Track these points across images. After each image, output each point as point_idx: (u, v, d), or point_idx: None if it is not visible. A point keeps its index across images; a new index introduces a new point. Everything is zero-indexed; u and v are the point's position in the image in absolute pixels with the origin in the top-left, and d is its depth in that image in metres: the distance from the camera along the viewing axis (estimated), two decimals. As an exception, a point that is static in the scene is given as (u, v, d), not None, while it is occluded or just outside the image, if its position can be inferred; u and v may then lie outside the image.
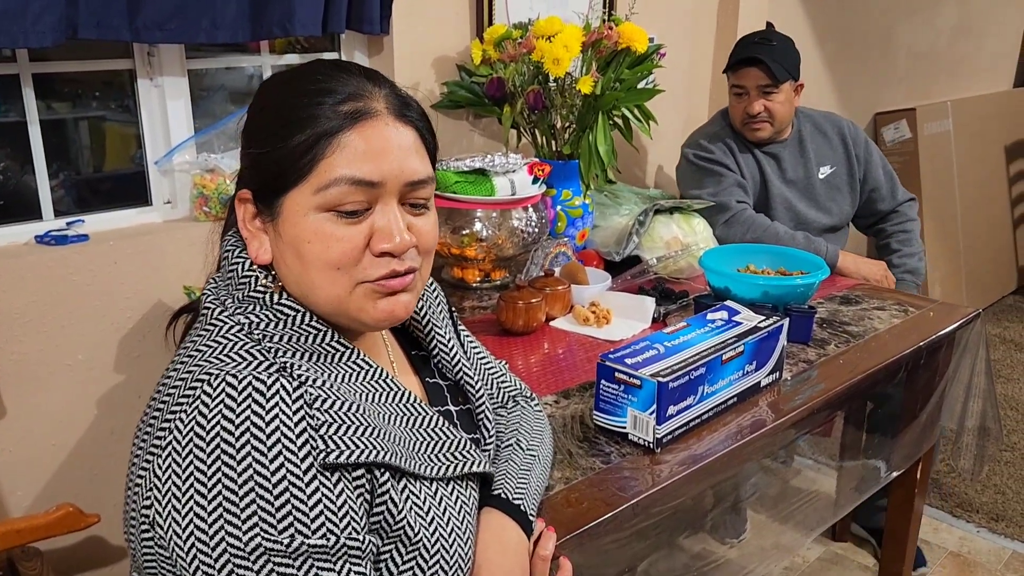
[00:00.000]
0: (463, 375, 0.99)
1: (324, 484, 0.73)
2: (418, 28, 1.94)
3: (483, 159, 1.77)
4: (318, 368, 0.81)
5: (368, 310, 0.83)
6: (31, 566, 1.39)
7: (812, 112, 2.39)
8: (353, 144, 0.79)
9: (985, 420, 1.83)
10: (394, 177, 0.81)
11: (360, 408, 0.80)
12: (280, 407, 0.73)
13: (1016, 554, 2.35)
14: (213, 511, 0.71)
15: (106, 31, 1.46)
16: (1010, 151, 4.40)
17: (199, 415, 0.72)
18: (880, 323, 1.70)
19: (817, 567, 2.30)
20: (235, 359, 0.76)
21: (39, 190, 1.59)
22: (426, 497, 0.82)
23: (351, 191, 0.79)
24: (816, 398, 1.36)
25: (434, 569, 0.81)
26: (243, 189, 0.85)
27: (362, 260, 0.81)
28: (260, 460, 0.71)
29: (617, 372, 1.18)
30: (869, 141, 2.39)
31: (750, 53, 2.17)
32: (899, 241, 2.38)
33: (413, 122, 0.84)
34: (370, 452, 0.76)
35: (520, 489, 0.95)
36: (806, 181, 2.32)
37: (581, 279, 1.75)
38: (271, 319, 0.82)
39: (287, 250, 0.82)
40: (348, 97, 0.80)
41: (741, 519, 1.91)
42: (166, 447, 0.73)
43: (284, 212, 0.81)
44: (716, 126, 2.34)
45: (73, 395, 1.57)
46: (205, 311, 0.84)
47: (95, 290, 1.56)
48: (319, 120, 0.79)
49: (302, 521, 0.71)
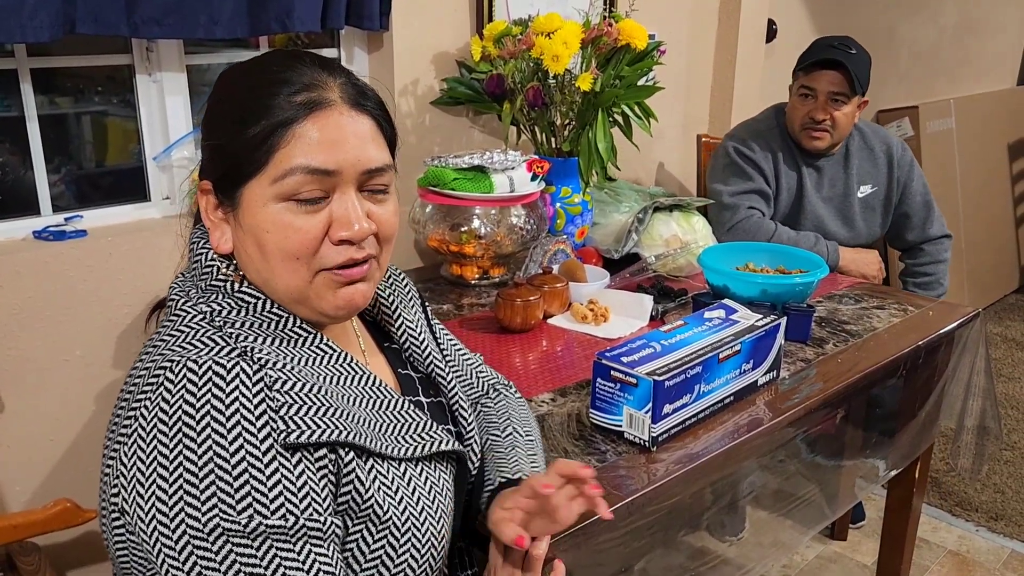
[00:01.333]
0: (434, 367, 1.01)
1: (284, 465, 0.74)
2: (418, 24, 1.94)
3: (482, 156, 1.77)
4: (280, 352, 0.82)
5: (328, 298, 0.84)
6: (29, 561, 1.39)
7: (864, 126, 2.28)
8: (308, 134, 0.80)
9: (984, 419, 1.82)
10: (350, 165, 0.81)
11: (323, 390, 0.81)
12: (240, 390, 0.74)
13: (1015, 553, 2.34)
14: (174, 494, 0.72)
15: (103, 26, 1.46)
16: (1013, 149, 4.39)
17: (162, 401, 0.74)
18: (879, 322, 1.69)
19: (815, 565, 2.30)
20: (197, 346, 0.77)
21: (37, 185, 1.59)
22: (394, 477, 0.83)
23: (307, 180, 0.80)
24: (813, 397, 1.36)
25: (405, 547, 0.82)
26: (204, 180, 0.86)
27: (320, 249, 0.82)
28: (220, 442, 0.72)
29: (613, 370, 1.17)
30: (915, 166, 2.29)
31: (831, 56, 2.08)
32: (917, 284, 2.30)
33: (369, 111, 0.85)
34: (332, 432, 0.77)
35: (535, 471, 0.99)
36: (844, 199, 2.24)
37: (580, 277, 1.75)
38: (233, 306, 0.83)
39: (247, 239, 0.83)
40: (303, 87, 0.81)
41: (739, 517, 1.91)
42: (131, 435, 0.75)
43: (243, 202, 0.82)
44: (765, 124, 2.26)
45: (70, 391, 1.57)
46: (171, 303, 0.86)
47: (93, 286, 1.56)
48: (274, 111, 0.80)
49: (260, 502, 0.72)
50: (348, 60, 1.96)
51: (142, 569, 0.77)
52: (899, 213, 2.29)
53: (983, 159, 4.13)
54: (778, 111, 2.28)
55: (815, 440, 2.44)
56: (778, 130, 2.24)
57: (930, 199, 2.30)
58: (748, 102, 2.77)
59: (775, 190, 2.21)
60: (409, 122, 1.99)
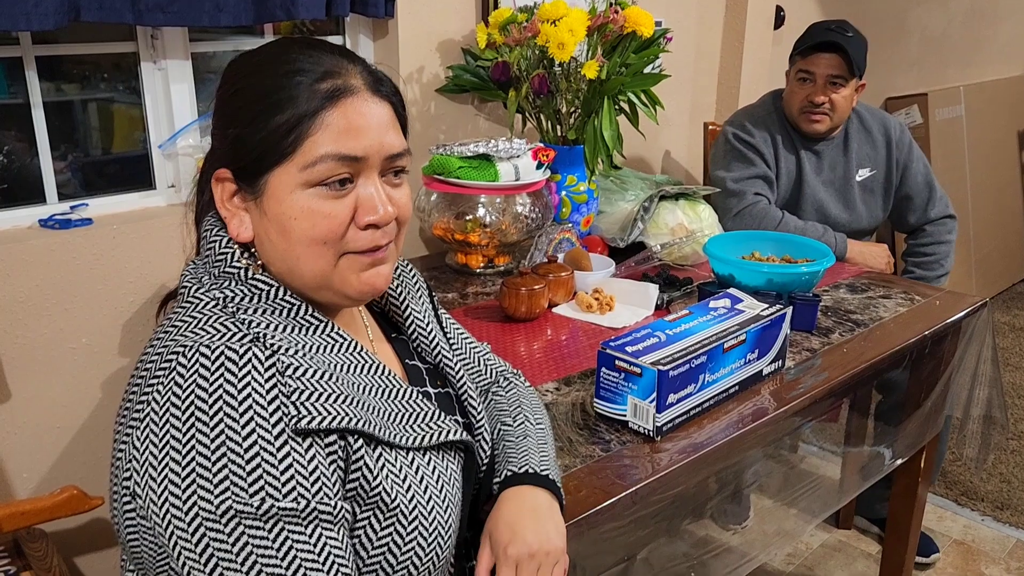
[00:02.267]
0: (442, 358, 1.01)
1: (295, 449, 0.74)
2: (423, 11, 1.93)
3: (487, 144, 1.77)
4: (292, 339, 0.83)
5: (352, 282, 0.85)
6: (36, 547, 1.40)
7: (861, 108, 2.28)
8: (336, 122, 0.81)
9: (991, 409, 1.82)
10: (375, 151, 0.83)
11: (334, 377, 0.82)
12: (252, 375, 0.74)
13: (1020, 542, 2.34)
14: (187, 477, 0.72)
15: (108, 13, 1.45)
16: (1023, 137, 4.36)
17: (175, 386, 0.74)
18: (886, 312, 1.69)
19: (820, 554, 2.30)
20: (209, 331, 0.78)
21: (43, 173, 1.59)
22: (402, 465, 0.84)
23: (336, 167, 0.81)
24: (818, 387, 1.35)
25: (412, 535, 0.83)
26: (220, 168, 0.86)
27: (347, 234, 0.83)
28: (232, 426, 0.73)
29: (618, 360, 1.17)
30: (914, 147, 2.29)
31: (830, 39, 2.08)
32: (916, 263, 2.30)
33: (388, 97, 0.87)
34: (342, 418, 0.78)
35: (544, 462, 0.98)
36: (843, 182, 2.24)
37: (585, 265, 1.74)
38: (246, 293, 0.84)
39: (271, 227, 0.84)
40: (325, 75, 0.82)
41: (744, 506, 1.91)
42: (144, 419, 0.75)
43: (268, 190, 0.83)
44: (764, 109, 2.26)
45: (77, 379, 1.58)
46: (183, 290, 0.86)
47: (99, 274, 1.56)
48: (299, 100, 0.81)
49: (273, 484, 0.73)
50: (353, 47, 1.95)
51: (153, 553, 0.78)
52: (901, 195, 2.29)
53: (992, 147, 4.10)
54: (776, 96, 2.29)
55: (821, 429, 2.44)
56: (776, 115, 2.24)
57: (932, 179, 2.29)
58: (755, 89, 2.75)
59: (775, 174, 2.21)
60: (415, 110, 1.98)
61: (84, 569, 1.67)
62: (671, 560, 1.25)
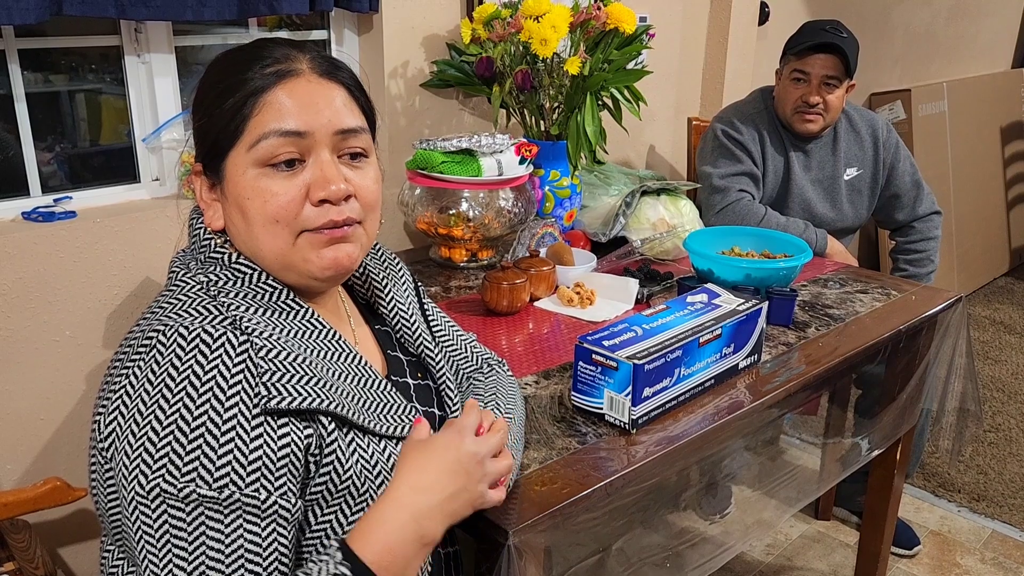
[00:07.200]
0: (424, 350, 1.03)
1: (240, 435, 0.75)
2: (408, 6, 1.94)
3: (470, 139, 1.78)
4: (271, 323, 0.85)
5: (313, 260, 0.87)
6: (20, 538, 1.41)
7: (850, 108, 2.29)
8: (279, 100, 0.84)
9: (966, 402, 1.85)
10: (321, 127, 0.85)
11: (308, 361, 0.84)
12: (222, 358, 0.77)
13: (996, 533, 2.38)
14: (135, 451, 0.75)
15: (91, 7, 1.46)
16: (1005, 133, 4.40)
17: (154, 363, 0.77)
18: (862, 306, 1.71)
19: (799, 544, 2.33)
20: (192, 314, 0.80)
21: (26, 166, 1.59)
22: (374, 452, 0.86)
23: (280, 143, 0.84)
24: (793, 380, 1.38)
25: None
26: (197, 163, 0.90)
27: (302, 212, 0.85)
28: (188, 406, 0.75)
29: (594, 354, 1.19)
30: (901, 146, 2.31)
31: (827, 40, 2.09)
32: (908, 261, 2.32)
33: (341, 80, 0.89)
34: (314, 400, 0.80)
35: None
36: (831, 181, 2.25)
37: (567, 260, 1.76)
38: (229, 277, 0.87)
39: (233, 211, 0.87)
40: (274, 61, 0.86)
41: (724, 496, 1.94)
42: (119, 391, 0.78)
43: (226, 174, 0.87)
44: (753, 107, 2.27)
45: (60, 371, 1.59)
46: (171, 275, 0.90)
47: (82, 267, 1.57)
48: (247, 83, 0.85)
49: (205, 467, 0.74)
50: (338, 42, 1.96)
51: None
52: (888, 194, 2.30)
53: (975, 142, 4.13)
54: (764, 93, 2.29)
55: (802, 421, 2.47)
56: (766, 113, 2.25)
57: (919, 178, 2.31)
58: (740, 85, 2.78)
59: (762, 172, 2.23)
60: (399, 104, 1.99)
61: (68, 560, 1.68)
62: (646, 551, 1.27)
